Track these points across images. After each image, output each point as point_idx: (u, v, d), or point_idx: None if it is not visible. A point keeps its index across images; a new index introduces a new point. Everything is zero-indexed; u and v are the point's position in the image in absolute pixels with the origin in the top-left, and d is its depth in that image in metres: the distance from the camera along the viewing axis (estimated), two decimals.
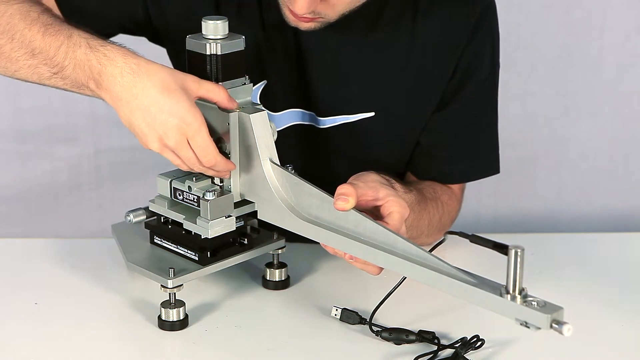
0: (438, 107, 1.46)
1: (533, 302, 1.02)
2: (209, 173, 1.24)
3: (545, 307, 1.01)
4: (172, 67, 1.45)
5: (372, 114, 1.44)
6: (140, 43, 1.41)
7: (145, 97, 1.17)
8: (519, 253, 1.02)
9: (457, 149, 1.49)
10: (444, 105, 1.46)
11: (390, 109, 1.44)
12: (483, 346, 1.22)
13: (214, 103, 1.23)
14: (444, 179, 1.51)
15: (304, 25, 1.31)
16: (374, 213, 1.22)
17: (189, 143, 1.19)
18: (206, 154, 1.20)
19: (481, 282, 1.07)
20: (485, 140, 1.51)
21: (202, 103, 1.26)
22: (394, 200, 1.21)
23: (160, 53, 1.47)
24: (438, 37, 1.42)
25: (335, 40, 1.41)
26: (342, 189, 1.18)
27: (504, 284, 1.04)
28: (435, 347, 1.22)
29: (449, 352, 1.21)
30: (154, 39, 1.48)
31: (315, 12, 1.27)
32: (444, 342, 1.23)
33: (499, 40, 1.48)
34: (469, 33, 1.42)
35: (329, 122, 1.45)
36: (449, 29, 1.42)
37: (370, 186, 1.22)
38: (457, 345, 1.22)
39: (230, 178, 1.26)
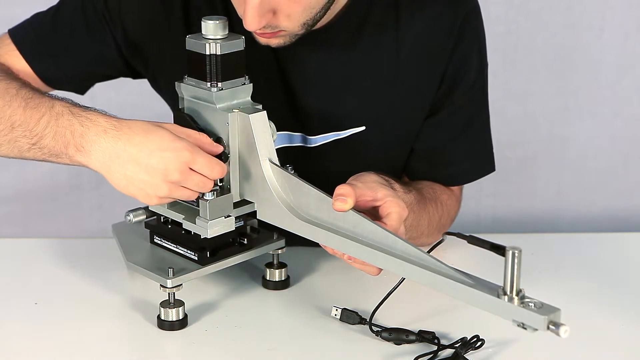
0: (431, 113, 1.45)
1: (530, 304, 1.02)
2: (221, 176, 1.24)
3: (542, 308, 1.01)
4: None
5: (363, 127, 1.44)
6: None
7: (132, 145, 1.19)
8: (516, 254, 1.01)
9: (453, 153, 1.49)
10: (436, 111, 1.45)
11: (381, 121, 1.44)
12: (483, 346, 1.22)
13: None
14: (442, 182, 1.51)
15: (273, 42, 1.30)
16: (373, 213, 1.21)
17: (191, 169, 1.19)
18: (213, 168, 1.20)
19: (478, 283, 1.07)
20: (480, 140, 1.51)
21: (197, 101, 1.26)
22: (392, 201, 1.21)
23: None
24: (423, 45, 1.41)
25: (318, 57, 1.40)
26: (340, 189, 1.18)
27: (502, 285, 1.04)
28: (435, 347, 1.22)
29: (449, 352, 1.21)
30: (136, 76, 1.51)
31: (271, 26, 1.26)
32: (444, 342, 1.23)
33: (485, 40, 1.47)
34: (454, 39, 1.41)
35: (320, 139, 1.44)
36: (433, 37, 1.41)
37: (369, 186, 1.22)
38: (457, 345, 1.22)
39: (229, 178, 1.27)
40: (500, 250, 1.03)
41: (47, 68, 1.45)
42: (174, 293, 1.26)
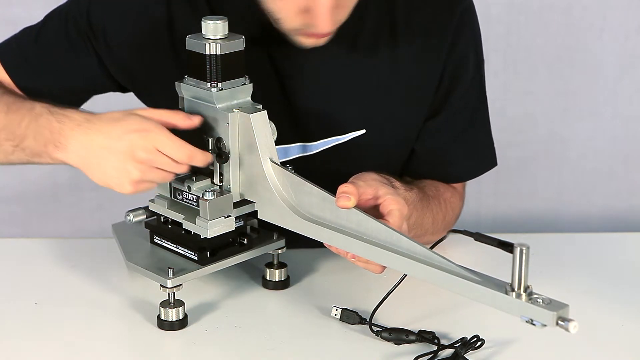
0: (432, 114, 1.45)
1: (538, 300, 1.02)
2: (193, 163, 1.23)
3: (550, 304, 1.02)
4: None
5: (364, 130, 1.43)
6: None
7: (102, 134, 1.22)
8: (524, 251, 1.02)
9: (455, 152, 1.49)
10: (437, 112, 1.45)
11: (380, 123, 1.43)
12: (483, 346, 1.22)
13: (175, 127, 1.24)
14: (444, 180, 1.51)
15: (321, 41, 1.30)
16: (374, 212, 1.21)
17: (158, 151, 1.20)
18: (178, 149, 1.20)
19: (486, 280, 1.07)
20: (481, 136, 1.51)
21: (197, 101, 1.26)
22: (392, 199, 1.21)
23: None
24: (420, 47, 1.41)
25: (317, 62, 1.39)
26: (343, 187, 1.18)
27: (509, 281, 1.04)
28: (435, 347, 1.22)
29: (449, 352, 1.21)
30: (125, 90, 1.52)
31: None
32: (444, 342, 1.23)
33: (481, 35, 1.47)
34: (450, 39, 1.41)
35: (321, 145, 1.44)
36: (429, 38, 1.41)
37: (369, 184, 1.22)
38: (457, 345, 1.22)
39: (229, 178, 1.26)
40: (508, 247, 1.04)
41: (28, 82, 1.46)
42: (174, 293, 1.26)
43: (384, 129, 1.44)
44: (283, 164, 1.24)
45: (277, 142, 1.28)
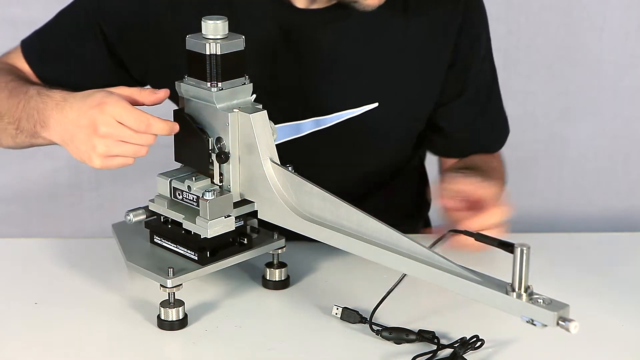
0: (456, 94, 1.49)
1: (539, 300, 1.02)
2: (153, 131, 1.24)
3: (551, 304, 1.02)
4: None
5: (377, 104, 1.45)
6: None
7: (73, 110, 1.26)
8: (524, 251, 1.02)
9: (482, 126, 1.55)
10: (460, 91, 1.50)
11: (393, 97, 1.46)
12: (482, 346, 1.22)
13: (142, 104, 1.26)
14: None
15: None
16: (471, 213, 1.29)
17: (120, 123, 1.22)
18: (135, 118, 1.21)
19: (486, 280, 1.07)
20: (499, 107, 1.59)
21: (197, 101, 1.26)
22: (491, 202, 1.29)
23: None
24: (431, 20, 1.44)
25: (332, 37, 1.42)
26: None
27: (509, 282, 1.04)
28: (434, 347, 1.22)
29: (448, 351, 1.21)
30: (142, 84, 1.53)
31: None
32: (443, 341, 1.23)
33: (487, 14, 1.52)
34: (460, 16, 1.45)
35: (335, 118, 1.46)
36: (440, 13, 1.44)
37: (462, 182, 1.32)
38: (456, 345, 1.22)
39: (230, 178, 1.27)
40: (508, 247, 1.04)
41: (46, 74, 1.49)
42: (174, 293, 1.26)
43: (397, 103, 1.46)
44: (283, 164, 1.24)
45: (291, 119, 1.29)
